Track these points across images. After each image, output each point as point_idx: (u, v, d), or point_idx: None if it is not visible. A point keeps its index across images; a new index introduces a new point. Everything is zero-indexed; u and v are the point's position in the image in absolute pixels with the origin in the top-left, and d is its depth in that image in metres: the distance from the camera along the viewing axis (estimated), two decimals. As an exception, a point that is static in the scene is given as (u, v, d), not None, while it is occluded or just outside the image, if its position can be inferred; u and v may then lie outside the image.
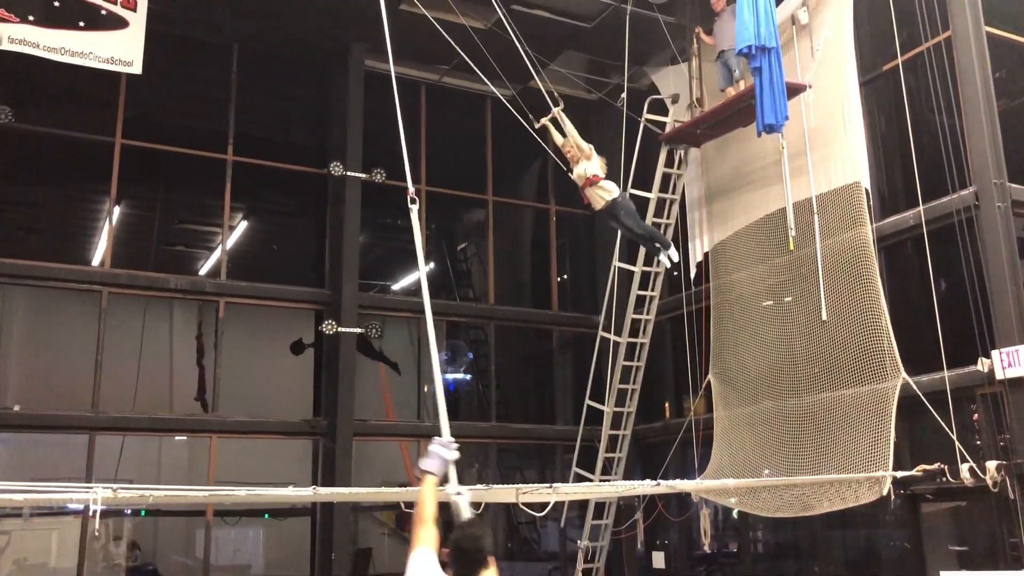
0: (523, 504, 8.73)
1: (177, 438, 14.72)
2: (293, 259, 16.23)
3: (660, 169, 12.38)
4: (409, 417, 14.97)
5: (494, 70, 12.82)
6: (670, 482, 9.19)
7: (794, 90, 10.29)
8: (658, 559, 13.76)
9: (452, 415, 17.51)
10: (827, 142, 10.85)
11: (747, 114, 10.49)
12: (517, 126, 15.62)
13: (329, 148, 13.68)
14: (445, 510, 4.50)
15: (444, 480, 4.62)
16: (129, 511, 14.96)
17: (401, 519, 17.52)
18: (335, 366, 12.82)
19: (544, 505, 9.77)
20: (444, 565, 4.05)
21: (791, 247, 10.84)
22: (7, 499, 7.65)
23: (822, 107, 10.90)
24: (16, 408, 11.73)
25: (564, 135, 9.85)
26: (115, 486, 6.34)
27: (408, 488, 11.52)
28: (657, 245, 10.04)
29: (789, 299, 11.19)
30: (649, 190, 12.33)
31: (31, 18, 11.49)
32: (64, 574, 12.17)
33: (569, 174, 10.10)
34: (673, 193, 12.49)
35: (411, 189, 5.79)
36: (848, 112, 10.68)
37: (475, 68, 9.93)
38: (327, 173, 13.31)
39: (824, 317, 10.27)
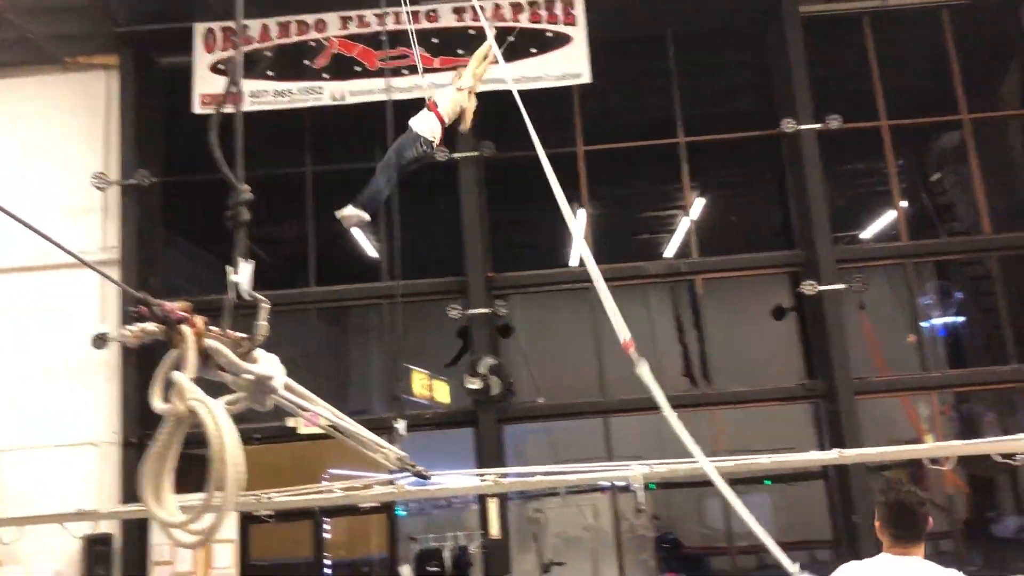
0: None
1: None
2: (757, 225, 16.16)
3: None
4: (904, 369, 14.01)
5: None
6: None
7: None
8: None
9: (956, 362, 16.13)
10: None
11: None
12: (982, 31, 13.90)
13: (777, 106, 13.35)
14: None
15: None
16: (637, 486, 16.06)
17: (914, 478, 16.46)
18: (822, 326, 12.47)
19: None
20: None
21: None
22: (561, 479, 8.70)
23: None
24: (541, 400, 13.28)
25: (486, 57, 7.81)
26: (651, 462, 6.82)
27: (939, 443, 10.79)
28: (364, 193, 7.27)
29: None
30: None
31: (496, 61, 12.93)
32: (600, 545, 13.46)
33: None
34: None
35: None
36: None
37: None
38: (780, 132, 13.00)
39: None
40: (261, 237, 15.88)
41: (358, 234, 15.19)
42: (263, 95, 12.89)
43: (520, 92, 13.02)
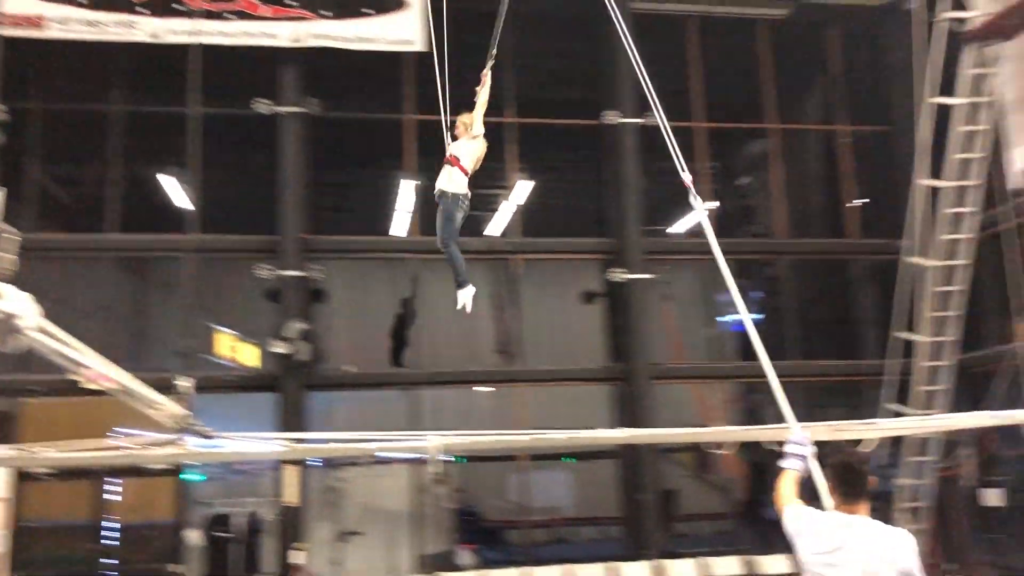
0: (842, 443, 8.36)
1: (481, 389, 15.70)
2: (576, 211, 16.58)
3: (967, 71, 11.14)
4: (700, 359, 14.87)
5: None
6: (1010, 413, 8.37)
7: None
8: (993, 496, 12.68)
9: (745, 355, 17.20)
10: None
11: (1075, -7, 9.14)
12: (794, 48, 14.84)
13: (602, 98, 13.73)
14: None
15: (807, 473, 4.58)
16: (449, 457, 16.22)
17: (701, 461, 17.55)
18: (627, 312, 13.00)
19: (857, 443, 9.29)
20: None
21: None
22: (359, 448, 8.60)
23: None
24: (350, 368, 13.09)
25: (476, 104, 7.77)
26: (447, 433, 6.87)
27: (718, 428, 11.51)
28: (454, 275, 7.70)
29: None
30: (954, 96, 11.16)
31: (325, 13, 12.57)
32: (399, 516, 13.49)
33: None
34: (986, 96, 11.20)
35: (688, 180, 5.64)
36: None
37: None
38: (602, 123, 13.39)
39: None
40: (59, 176, 14.73)
41: (167, 181, 14.37)
42: (70, 23, 11.91)
43: (351, 53, 12.73)
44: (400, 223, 14.88)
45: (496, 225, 16.19)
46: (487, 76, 7.59)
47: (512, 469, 14.93)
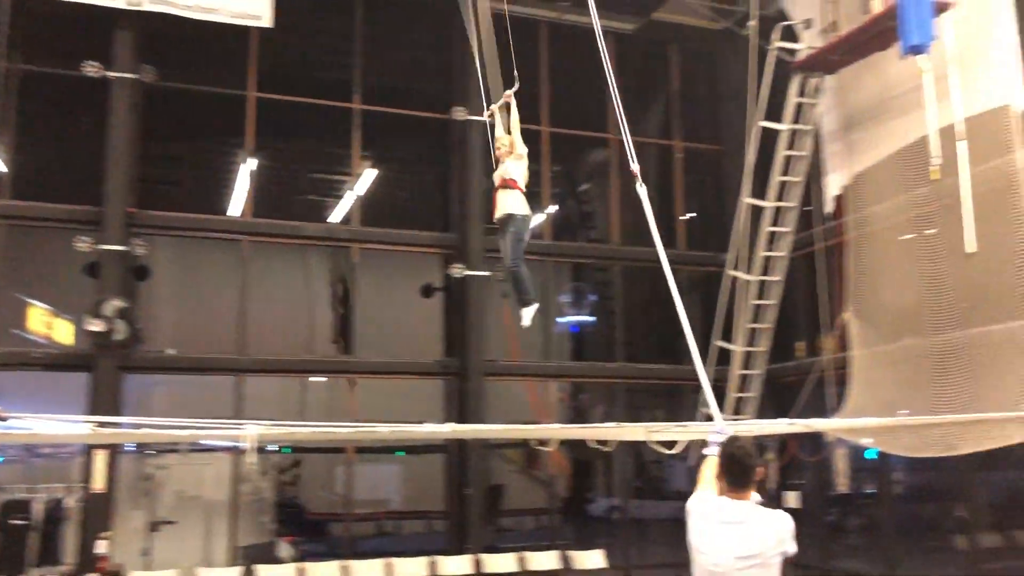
0: (653, 443, 8.74)
1: (317, 379, 15.40)
2: (420, 204, 16.54)
3: (792, 99, 11.89)
4: (536, 358, 15.14)
5: (615, 4, 12.50)
6: (807, 421, 9.00)
7: (940, 7, 9.65)
8: (792, 499, 13.59)
9: (578, 356, 17.71)
10: (975, 63, 10.14)
11: (887, 36, 9.92)
12: (640, 62, 15.37)
13: (453, 93, 13.75)
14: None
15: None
16: (277, 448, 15.83)
17: (529, 458, 17.91)
18: (464, 308, 13.08)
19: (673, 444, 9.75)
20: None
21: (935, 176, 10.26)
22: (169, 434, 8.25)
23: (970, 25, 10.17)
24: (170, 351, 12.52)
25: (507, 128, 8.01)
26: (267, 423, 6.70)
27: (542, 426, 11.72)
28: (517, 293, 7.95)
29: (933, 231, 10.64)
30: (780, 122, 11.89)
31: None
32: (218, 506, 13.03)
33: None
34: (807, 124, 11.99)
35: (636, 170, 5.90)
36: (999, 30, 9.94)
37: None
38: (450, 118, 13.41)
39: (970, 250, 9.73)
40: None
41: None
42: None
43: (194, 22, 12.17)
44: (236, 203, 14.36)
45: (338, 213, 15.92)
46: (511, 99, 7.77)
47: (340, 462, 14.72)
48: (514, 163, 7.64)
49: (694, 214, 15.80)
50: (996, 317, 9.57)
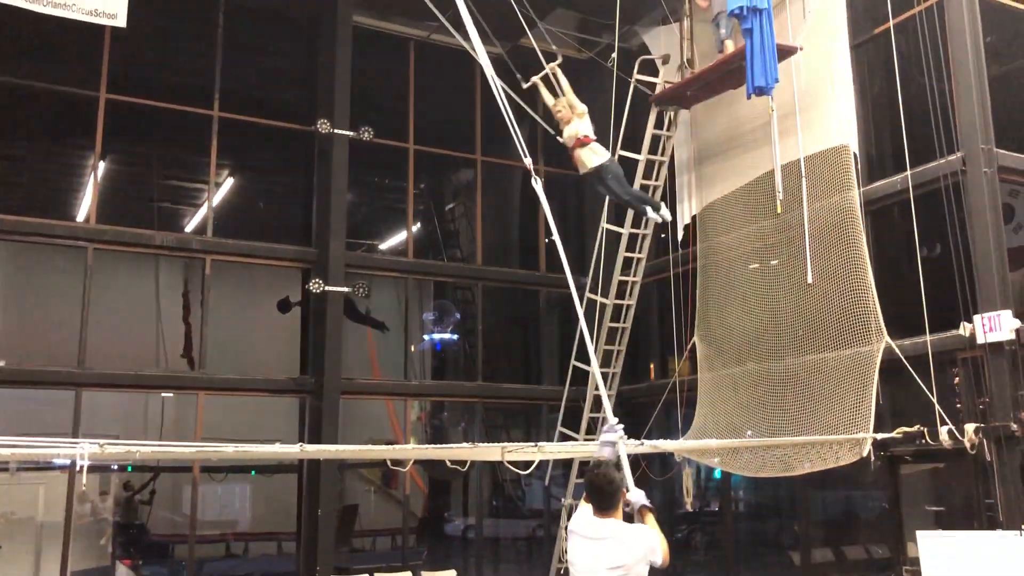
0: (508, 462, 8.80)
1: (164, 395, 14.75)
2: (280, 217, 16.18)
3: (649, 131, 12.33)
4: (396, 376, 15.02)
5: (483, 27, 12.51)
6: (653, 441, 9.30)
7: (785, 52, 10.25)
8: (639, 516, 13.97)
9: (439, 375, 17.68)
10: (816, 105, 10.83)
11: (738, 76, 10.44)
12: (507, 85, 15.56)
13: (317, 105, 13.55)
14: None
15: (615, 457, 5.58)
16: (116, 467, 15.04)
17: (387, 477, 17.71)
18: (322, 324, 12.84)
19: (529, 464, 9.86)
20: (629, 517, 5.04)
21: (779, 210, 10.86)
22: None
23: (812, 69, 10.85)
24: (1, 363, 11.71)
25: (556, 94, 9.59)
26: (102, 441, 6.34)
27: (394, 447, 11.62)
28: (647, 208, 9.98)
29: (775, 262, 11.24)
30: (638, 151, 12.30)
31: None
32: (51, 528, 12.26)
33: (558, 137, 9.95)
34: (662, 155, 12.45)
35: (530, 165, 6.45)
36: (838, 75, 10.65)
37: (451, 29, 9.64)
38: (314, 130, 13.20)
39: (810, 280, 10.34)
40: None
41: None
42: None
43: (40, 16, 11.53)
44: (82, 208, 13.64)
45: (193, 222, 15.36)
46: (557, 69, 9.44)
47: (187, 481, 14.12)
48: (580, 121, 9.14)
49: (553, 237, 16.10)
50: (830, 345, 10.18)
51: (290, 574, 11.92)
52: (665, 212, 10.01)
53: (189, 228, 15.96)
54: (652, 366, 14.34)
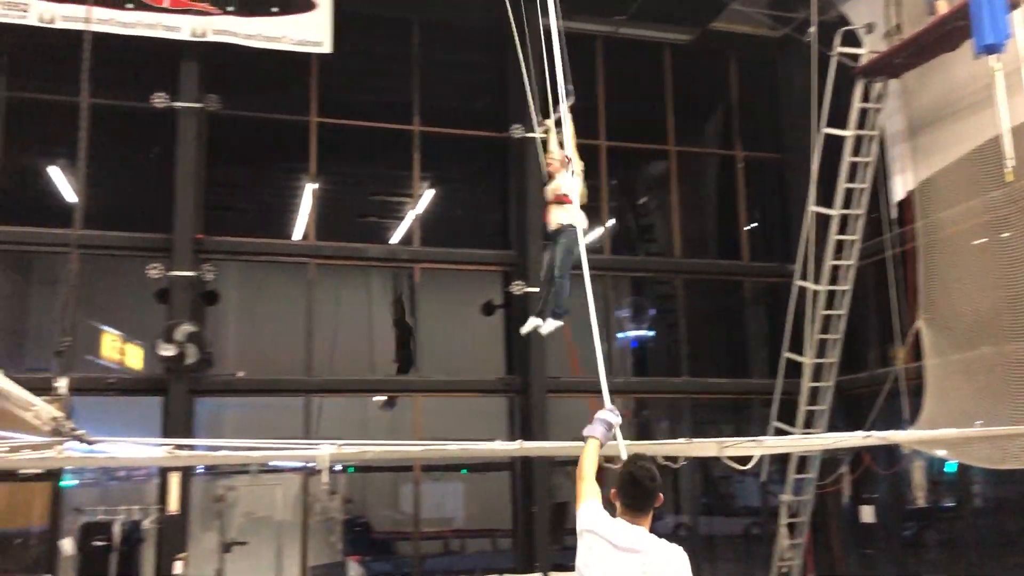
0: (726, 458, 8.58)
1: (380, 398, 15.51)
2: (480, 223, 16.58)
3: (856, 105, 11.67)
4: (596, 375, 14.99)
5: (671, 15, 12.37)
6: (882, 433, 8.76)
7: (1014, 4, 9.37)
8: (867, 513, 13.22)
9: (640, 371, 17.47)
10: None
11: (955, 36, 9.68)
12: (697, 73, 15.25)
13: (509, 111, 13.80)
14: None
15: (607, 440, 4.74)
16: (340, 467, 15.96)
17: (597, 474, 17.74)
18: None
19: (746, 459, 9.58)
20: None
21: (1009, 178, 9.95)
22: (244, 456, 8.37)
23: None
24: (240, 374, 12.73)
25: (560, 143, 7.96)
26: (339, 442, 6.75)
27: (610, 442, 11.60)
28: (549, 310, 7.97)
29: (1008, 235, 10.32)
30: (844, 128, 11.67)
31: (230, 9, 12.26)
32: (288, 526, 13.18)
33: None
34: (872, 130, 11.75)
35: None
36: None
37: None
38: (507, 136, 13.46)
39: (1050, 253, 9.42)
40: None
41: (55, 173, 13.74)
42: (-49, 0, 11.28)
43: (256, 51, 12.45)
44: (299, 227, 14.60)
45: (398, 233, 16.07)
46: (566, 113, 7.44)
47: (406, 480, 14.77)
48: (569, 180, 7.42)
49: (757, 224, 15.58)
50: (1079, 322, 9.23)
51: (509, 571, 12.18)
52: (551, 326, 8.00)
53: (394, 239, 16.70)
54: (871, 354, 13.56)
